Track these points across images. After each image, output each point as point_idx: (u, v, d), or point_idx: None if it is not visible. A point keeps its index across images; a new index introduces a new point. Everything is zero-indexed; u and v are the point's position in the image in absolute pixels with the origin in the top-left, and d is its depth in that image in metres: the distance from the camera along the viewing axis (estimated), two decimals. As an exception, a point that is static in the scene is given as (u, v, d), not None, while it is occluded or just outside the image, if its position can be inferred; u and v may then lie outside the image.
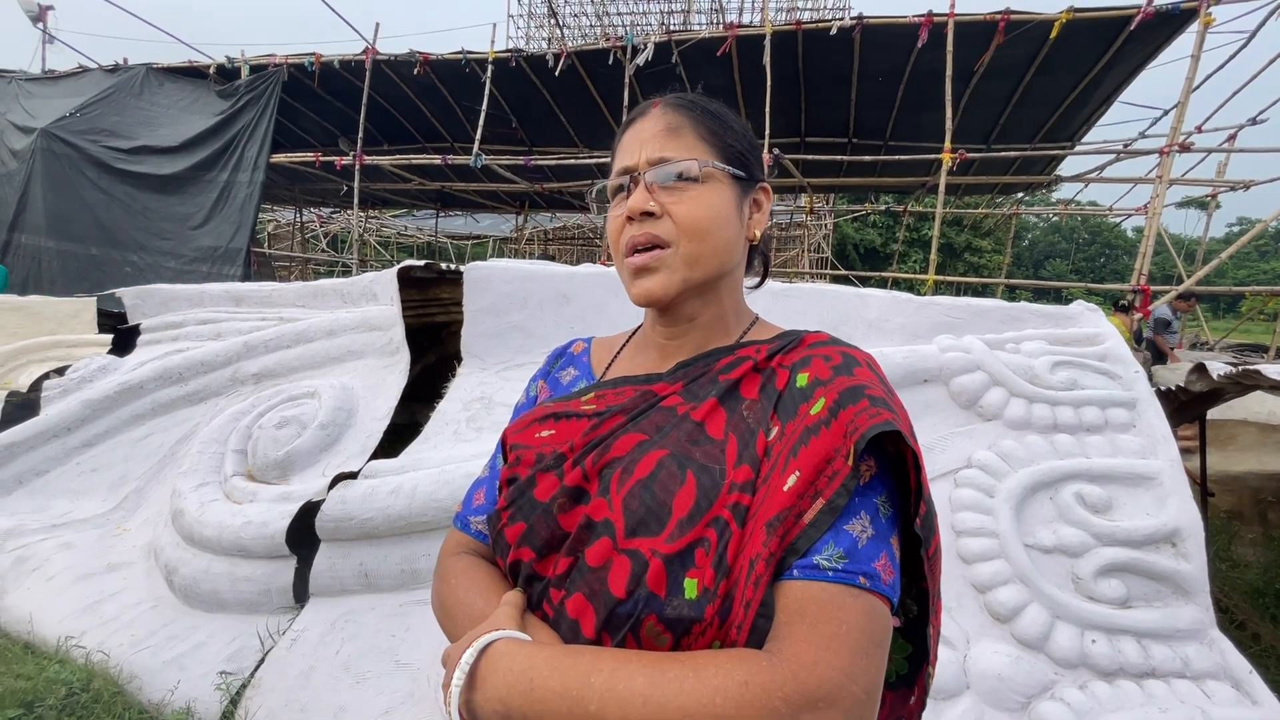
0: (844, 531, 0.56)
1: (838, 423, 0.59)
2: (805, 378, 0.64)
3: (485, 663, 0.56)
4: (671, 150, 0.70)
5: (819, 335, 0.71)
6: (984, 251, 25.96)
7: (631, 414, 0.69)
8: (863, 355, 0.66)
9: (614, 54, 7.48)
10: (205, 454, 2.71)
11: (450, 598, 0.71)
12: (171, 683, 2.06)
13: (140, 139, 8.15)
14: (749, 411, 0.65)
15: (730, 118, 0.75)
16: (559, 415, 0.73)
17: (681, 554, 0.57)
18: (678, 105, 0.73)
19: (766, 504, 0.58)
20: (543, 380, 0.88)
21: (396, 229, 18.44)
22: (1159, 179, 6.33)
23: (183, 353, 3.27)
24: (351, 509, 2.14)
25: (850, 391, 0.60)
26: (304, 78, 8.21)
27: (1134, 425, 2.04)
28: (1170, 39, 6.54)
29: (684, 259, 0.69)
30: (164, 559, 2.43)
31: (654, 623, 0.57)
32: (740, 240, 0.73)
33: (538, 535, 0.65)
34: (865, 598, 0.54)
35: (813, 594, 0.54)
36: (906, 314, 2.66)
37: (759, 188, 0.76)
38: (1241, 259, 33.57)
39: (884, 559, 0.56)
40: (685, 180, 0.69)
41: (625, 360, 0.82)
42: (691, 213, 0.68)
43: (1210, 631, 1.68)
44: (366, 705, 1.84)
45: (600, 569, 0.59)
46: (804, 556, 0.55)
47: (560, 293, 2.90)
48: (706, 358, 0.72)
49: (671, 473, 0.61)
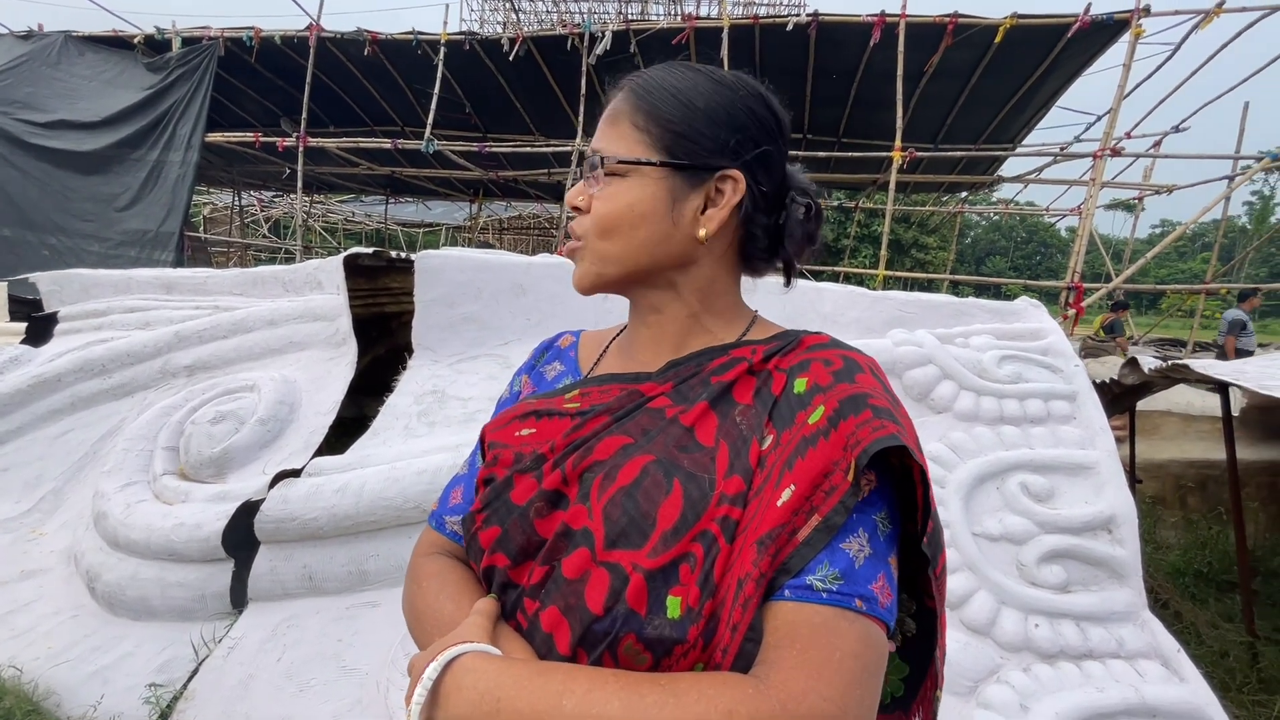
0: (840, 550, 0.52)
1: (837, 434, 0.55)
2: (804, 383, 0.60)
3: (449, 679, 0.52)
4: (604, 141, 0.67)
5: (819, 337, 0.66)
6: (930, 248, 26.84)
7: (616, 414, 0.64)
8: (865, 360, 0.62)
9: (571, 41, 7.37)
10: (132, 451, 2.54)
11: (420, 601, 0.67)
12: (94, 697, 1.92)
13: (58, 113, 7.57)
14: (742, 417, 0.61)
15: (695, 95, 0.66)
16: (540, 413, 0.69)
17: (665, 570, 0.54)
18: (630, 88, 0.68)
19: (758, 519, 0.54)
20: (526, 375, 0.83)
21: (343, 215, 17.78)
22: (1092, 181, 6.66)
23: (106, 343, 3.05)
24: (294, 509, 2.04)
25: (852, 400, 0.56)
26: (242, 53, 7.79)
27: (1074, 417, 2.13)
28: (1104, 48, 6.88)
29: (593, 255, 0.67)
30: (85, 564, 2.27)
31: (633, 642, 0.53)
32: (673, 240, 0.65)
33: (513, 541, 0.61)
34: (861, 622, 0.51)
35: (805, 617, 0.50)
36: (861, 308, 2.70)
37: (718, 176, 0.65)
38: (1163, 259, 35.84)
39: (882, 580, 0.53)
40: (608, 175, 0.66)
41: (613, 357, 0.77)
42: (598, 210, 0.66)
43: (1142, 613, 1.76)
44: (311, 713, 1.76)
45: (577, 581, 0.56)
46: (796, 576, 0.52)
47: (516, 283, 2.83)
48: (699, 357, 0.67)
49: (656, 481, 0.58)
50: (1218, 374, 2.22)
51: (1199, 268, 31.76)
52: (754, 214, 0.67)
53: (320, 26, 7.64)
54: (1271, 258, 39.11)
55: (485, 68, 8.00)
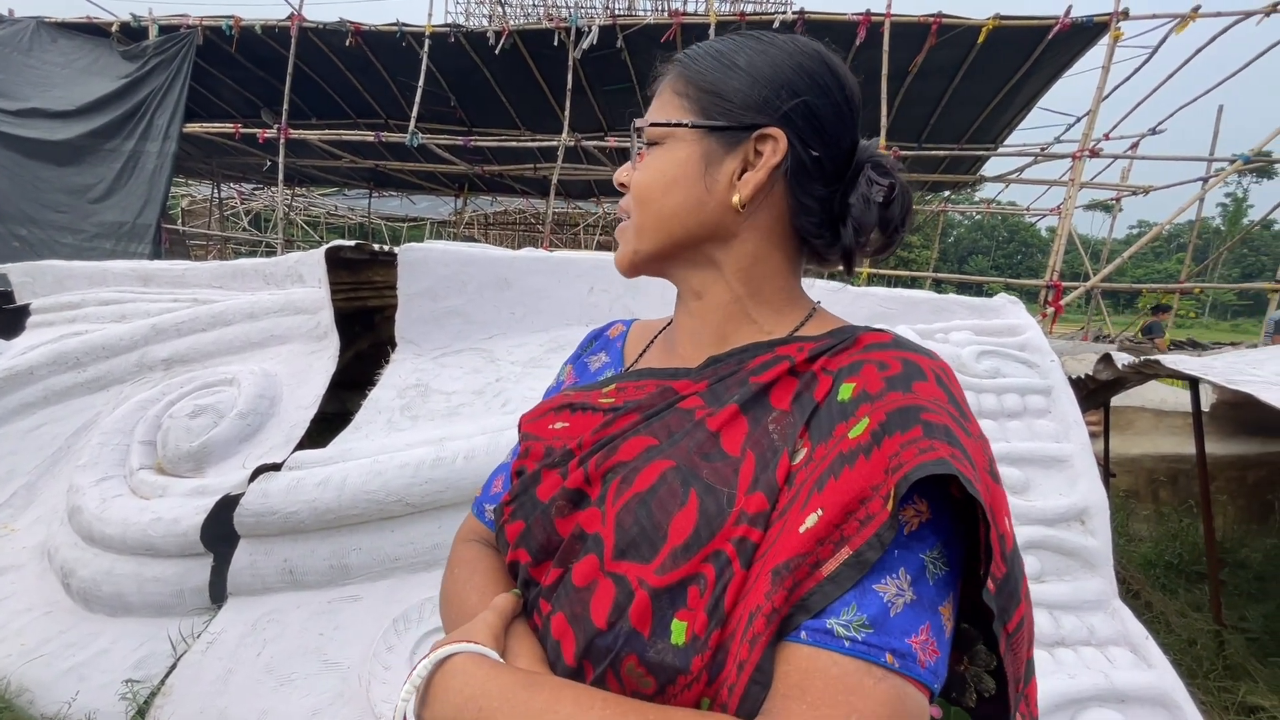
0: (872, 592, 0.44)
1: (880, 452, 0.46)
2: (850, 389, 0.52)
3: (439, 678, 0.51)
4: (648, 115, 0.65)
5: (880, 335, 0.57)
6: (914, 246, 27.13)
7: (647, 413, 0.60)
8: (933, 364, 0.52)
9: (558, 35, 7.32)
10: (108, 446, 2.50)
11: (451, 588, 0.66)
12: (69, 694, 1.89)
13: (30, 101, 7.38)
14: (775, 425, 0.54)
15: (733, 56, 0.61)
16: (575, 406, 0.65)
17: (671, 589, 0.49)
18: (673, 59, 0.66)
19: (778, 545, 0.47)
20: (571, 365, 0.80)
21: (326, 208, 17.54)
22: (1071, 182, 6.77)
23: (81, 336, 2.99)
24: (274, 502, 2.02)
25: (902, 413, 0.48)
26: (221, 42, 7.64)
27: (1050, 411, 2.17)
28: (1084, 49, 6.99)
29: (635, 230, 0.64)
30: (59, 560, 2.23)
31: (635, 663, 0.49)
32: (706, 208, 0.60)
33: (534, 538, 0.58)
34: (891, 681, 0.42)
35: (820, 666, 0.43)
36: (842, 304, 2.73)
37: (757, 135, 0.58)
38: (1140, 259, 36.51)
39: (925, 633, 0.44)
40: (649, 145, 0.63)
41: (657, 350, 0.72)
42: (634, 181, 0.64)
43: (1113, 601, 1.81)
44: (292, 708, 1.75)
45: (584, 590, 0.53)
46: (816, 617, 0.44)
47: (501, 277, 2.81)
48: (741, 353, 0.60)
49: (673, 489, 0.52)
50: (1187, 369, 2.28)
51: (1174, 268, 32.44)
52: (805, 182, 0.59)
53: (302, 16, 7.52)
54: (1244, 258, 39.96)
55: (470, 61, 7.93)
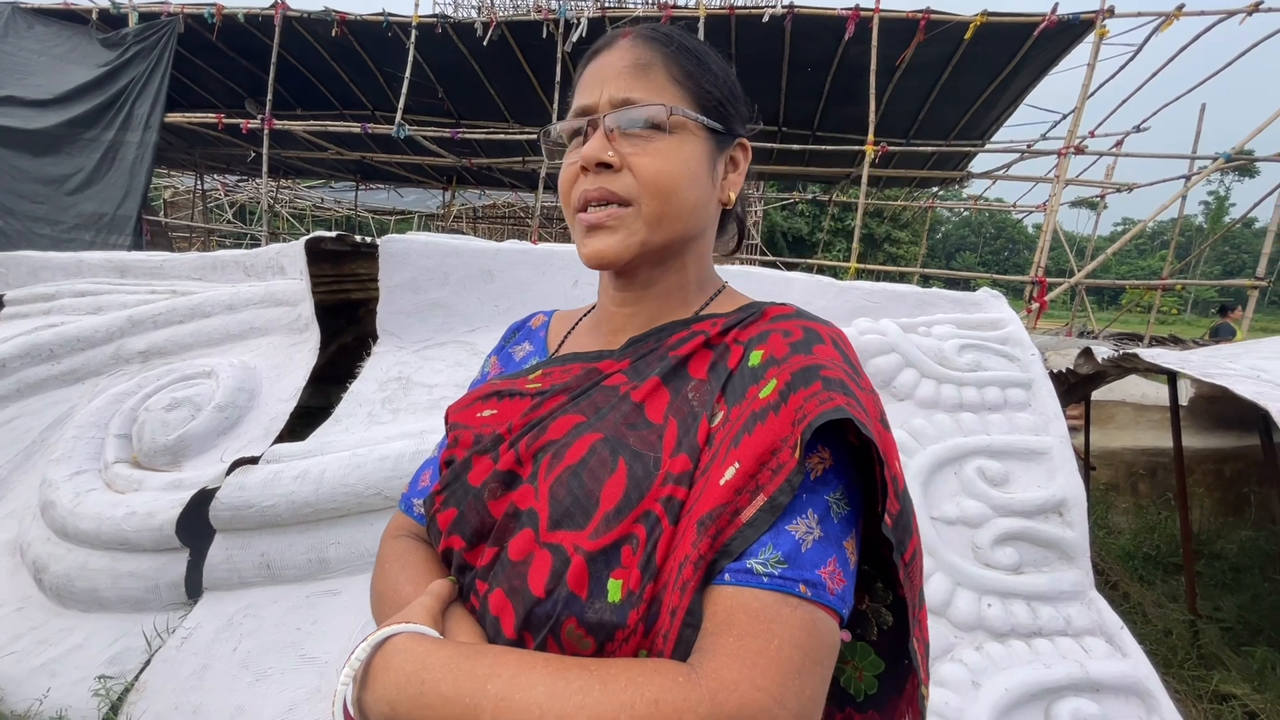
0: (785, 533, 0.49)
1: (787, 408, 0.52)
2: (759, 355, 0.57)
3: (379, 659, 0.51)
4: (639, 91, 0.61)
5: (783, 308, 0.63)
6: (902, 243, 27.28)
7: (573, 393, 0.63)
8: (828, 330, 0.59)
9: (546, 27, 7.26)
10: (82, 439, 2.45)
11: (381, 583, 0.66)
12: (40, 690, 1.86)
13: (5, 88, 7.21)
14: (694, 393, 0.58)
15: (711, 58, 0.65)
16: (503, 394, 0.67)
17: (606, 551, 0.52)
18: (651, 38, 0.64)
19: (702, 499, 0.51)
20: (495, 356, 0.81)
21: (312, 201, 17.34)
22: (1057, 179, 6.82)
23: (55, 328, 2.93)
24: (251, 496, 1.99)
25: (804, 372, 0.53)
26: (203, 30, 7.51)
27: (1030, 404, 2.18)
28: (1070, 47, 7.03)
29: (646, 220, 0.60)
30: (32, 555, 2.19)
31: (574, 626, 0.51)
32: (712, 202, 0.65)
33: (468, 523, 0.59)
34: (805, 608, 0.47)
35: (743, 602, 0.47)
36: (828, 297, 2.73)
37: (737, 144, 0.67)
38: (1123, 256, 36.96)
39: (832, 565, 0.49)
40: (651, 129, 0.60)
41: (580, 335, 0.75)
42: (657, 167, 0.60)
43: (1089, 592, 1.82)
44: (268, 703, 1.73)
45: (521, 564, 0.54)
46: (737, 560, 0.49)
47: (484, 269, 2.79)
48: (660, 332, 0.65)
49: (602, 459, 0.56)
50: (1166, 363, 2.30)
51: (1157, 265, 32.84)
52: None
53: (286, 5, 7.40)
54: (1225, 256, 40.50)
55: (458, 52, 7.85)
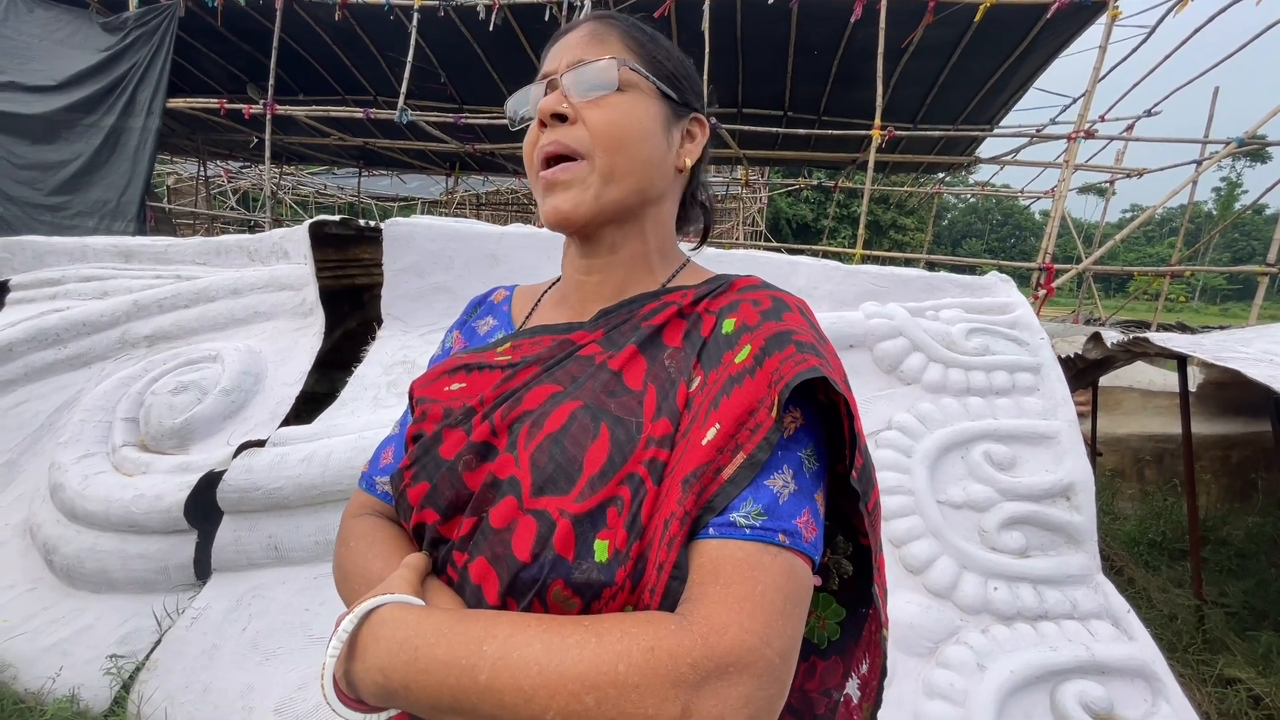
0: (764, 487, 0.52)
1: (762, 371, 0.55)
2: (731, 323, 0.61)
3: (366, 630, 0.52)
4: (594, 54, 0.65)
5: (750, 279, 0.67)
6: (908, 229, 27.07)
7: (547, 364, 0.64)
8: (794, 300, 0.63)
9: (550, 10, 7.17)
10: (90, 423, 2.46)
11: (348, 562, 0.65)
12: (53, 669, 1.88)
13: (6, 73, 7.17)
14: (670, 360, 0.61)
15: (664, 40, 0.70)
16: (470, 367, 0.68)
17: (592, 514, 0.53)
18: (608, 17, 0.69)
19: (684, 459, 0.54)
20: (458, 330, 0.82)
21: (315, 187, 17.29)
22: (1065, 164, 6.73)
23: (61, 312, 2.94)
24: (258, 478, 2.00)
25: (777, 338, 0.57)
26: (204, 14, 7.44)
27: (1038, 389, 2.17)
28: (1082, 29, 6.91)
29: (600, 173, 0.63)
30: (42, 537, 2.21)
31: (561, 588, 0.52)
32: (666, 164, 0.68)
33: (442, 496, 0.60)
34: (784, 556, 0.51)
35: (728, 553, 0.50)
36: (834, 281, 2.71)
37: (692, 118, 0.71)
38: (1132, 243, 36.62)
39: (806, 515, 0.53)
40: (603, 88, 0.64)
41: (546, 308, 0.76)
42: (609, 119, 0.63)
43: (1096, 576, 1.82)
44: (276, 682, 1.75)
45: (504, 530, 0.55)
46: (721, 514, 0.52)
47: (489, 253, 2.78)
48: (630, 304, 0.67)
49: (584, 426, 0.57)
50: (1176, 347, 2.28)
51: (1165, 251, 32.54)
52: (700, 168, 0.73)
53: (287, -12, 7.32)
54: (1235, 243, 40.07)
55: (461, 36, 7.76)
